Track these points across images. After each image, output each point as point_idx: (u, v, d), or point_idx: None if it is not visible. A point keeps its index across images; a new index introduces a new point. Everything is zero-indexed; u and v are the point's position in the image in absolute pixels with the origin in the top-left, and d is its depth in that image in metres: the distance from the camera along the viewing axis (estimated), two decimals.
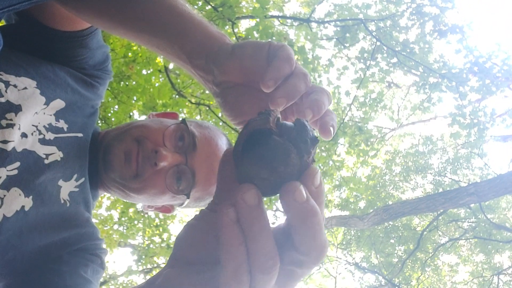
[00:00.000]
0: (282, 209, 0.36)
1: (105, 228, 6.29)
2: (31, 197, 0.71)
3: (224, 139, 0.93)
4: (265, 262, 0.33)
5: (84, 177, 0.82)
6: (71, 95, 0.81)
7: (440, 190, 8.17)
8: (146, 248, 5.74)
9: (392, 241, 9.05)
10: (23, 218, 0.70)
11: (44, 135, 0.75)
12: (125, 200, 1.02)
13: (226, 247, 0.33)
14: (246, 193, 0.33)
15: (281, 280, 0.35)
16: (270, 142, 0.35)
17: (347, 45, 4.95)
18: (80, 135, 0.82)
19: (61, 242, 0.75)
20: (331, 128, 0.49)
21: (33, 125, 0.74)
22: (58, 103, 0.78)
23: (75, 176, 0.80)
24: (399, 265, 8.25)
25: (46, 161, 0.74)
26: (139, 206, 5.18)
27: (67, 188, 0.78)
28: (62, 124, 0.78)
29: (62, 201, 0.76)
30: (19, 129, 0.71)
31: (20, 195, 0.69)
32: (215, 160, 0.87)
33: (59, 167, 0.76)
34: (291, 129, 0.36)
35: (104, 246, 0.84)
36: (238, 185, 0.35)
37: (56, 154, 0.76)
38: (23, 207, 0.70)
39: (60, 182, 0.77)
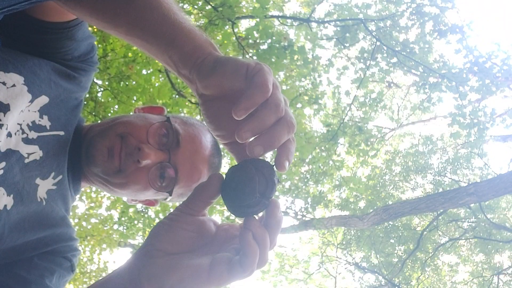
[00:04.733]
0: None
1: (105, 228, 6.30)
2: (12, 195, 0.71)
3: (208, 136, 0.94)
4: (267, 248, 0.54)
5: (62, 174, 0.82)
6: (54, 90, 0.81)
7: (440, 190, 8.16)
8: None
9: (392, 241, 9.04)
10: (6, 217, 0.70)
11: (27, 134, 0.75)
12: (108, 194, 1.03)
13: (251, 251, 0.53)
14: (256, 225, 0.54)
15: None
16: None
17: (347, 45, 4.95)
18: (61, 133, 0.82)
19: (35, 242, 0.76)
20: (286, 163, 0.53)
21: (18, 124, 0.74)
22: (42, 99, 0.78)
23: (52, 174, 0.80)
24: (399, 265, 8.25)
25: (26, 160, 0.74)
26: (140, 206, 5.17)
27: (44, 186, 0.78)
28: (45, 121, 0.78)
29: (39, 200, 0.77)
30: (6, 129, 0.70)
31: (3, 194, 0.70)
32: (198, 157, 0.89)
33: (37, 165, 0.77)
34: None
35: (77, 246, 0.85)
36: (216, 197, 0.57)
37: (36, 153, 0.76)
38: (5, 206, 0.70)
39: (38, 181, 0.77)
